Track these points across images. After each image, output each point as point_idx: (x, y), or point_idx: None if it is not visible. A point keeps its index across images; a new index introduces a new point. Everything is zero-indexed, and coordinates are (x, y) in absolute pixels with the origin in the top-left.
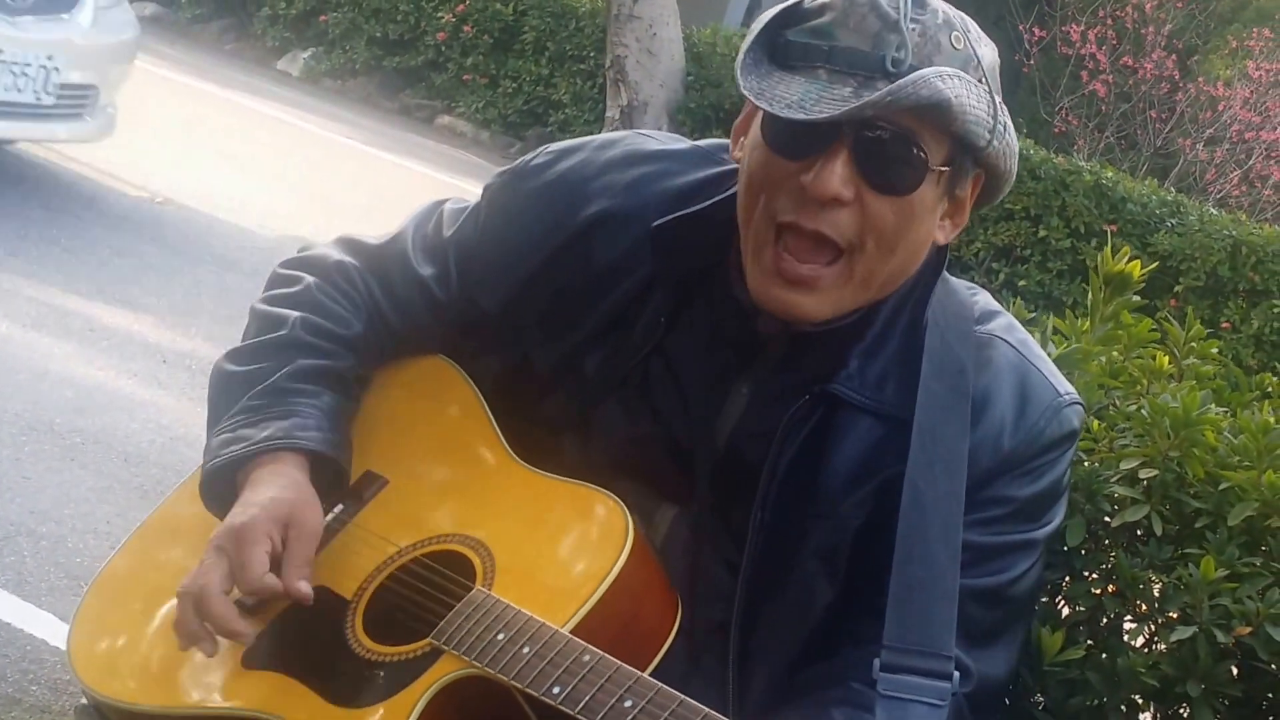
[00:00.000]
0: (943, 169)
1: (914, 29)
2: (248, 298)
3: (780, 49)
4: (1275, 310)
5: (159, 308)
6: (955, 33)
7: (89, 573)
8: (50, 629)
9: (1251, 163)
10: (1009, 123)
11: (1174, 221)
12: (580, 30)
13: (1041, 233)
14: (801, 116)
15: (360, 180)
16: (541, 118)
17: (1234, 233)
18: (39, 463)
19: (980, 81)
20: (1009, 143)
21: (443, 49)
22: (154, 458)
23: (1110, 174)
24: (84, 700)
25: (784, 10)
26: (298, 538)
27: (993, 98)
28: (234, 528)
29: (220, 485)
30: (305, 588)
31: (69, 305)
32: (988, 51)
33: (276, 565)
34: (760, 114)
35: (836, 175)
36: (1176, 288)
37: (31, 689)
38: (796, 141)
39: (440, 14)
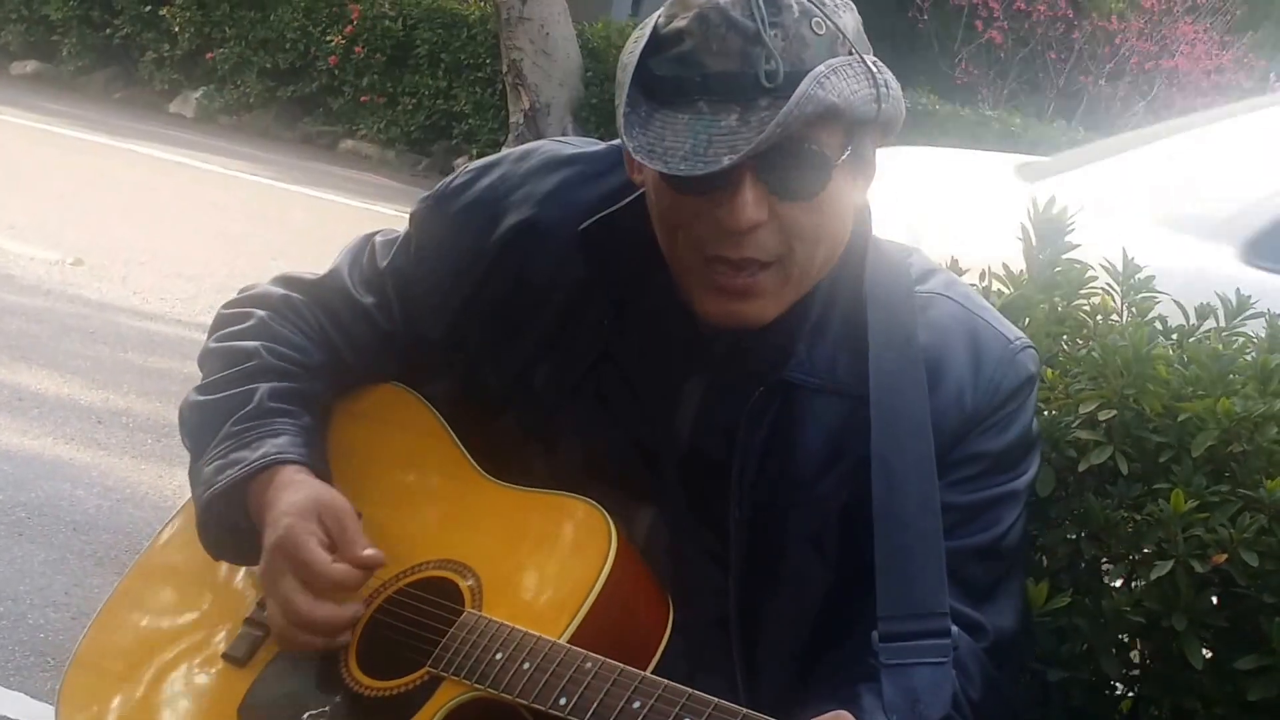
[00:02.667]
0: (843, 155)
1: (775, 34)
2: (175, 347)
3: (654, 84)
4: None
5: (86, 368)
6: (814, 19)
7: (54, 647)
8: (24, 708)
9: (1155, 92)
10: (889, 77)
11: None
12: (473, 38)
13: None
14: (702, 171)
15: (270, 215)
16: (445, 131)
17: None
18: None
19: (851, 53)
20: (895, 93)
21: (336, 73)
22: (103, 522)
23: (1018, 120)
24: None
25: (647, 44)
26: (337, 522)
27: (866, 64)
28: (277, 544)
29: (219, 511)
30: (373, 552)
31: None
32: (848, 17)
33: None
34: None
35: (749, 204)
36: None
37: None
38: (699, 183)
39: (329, 38)
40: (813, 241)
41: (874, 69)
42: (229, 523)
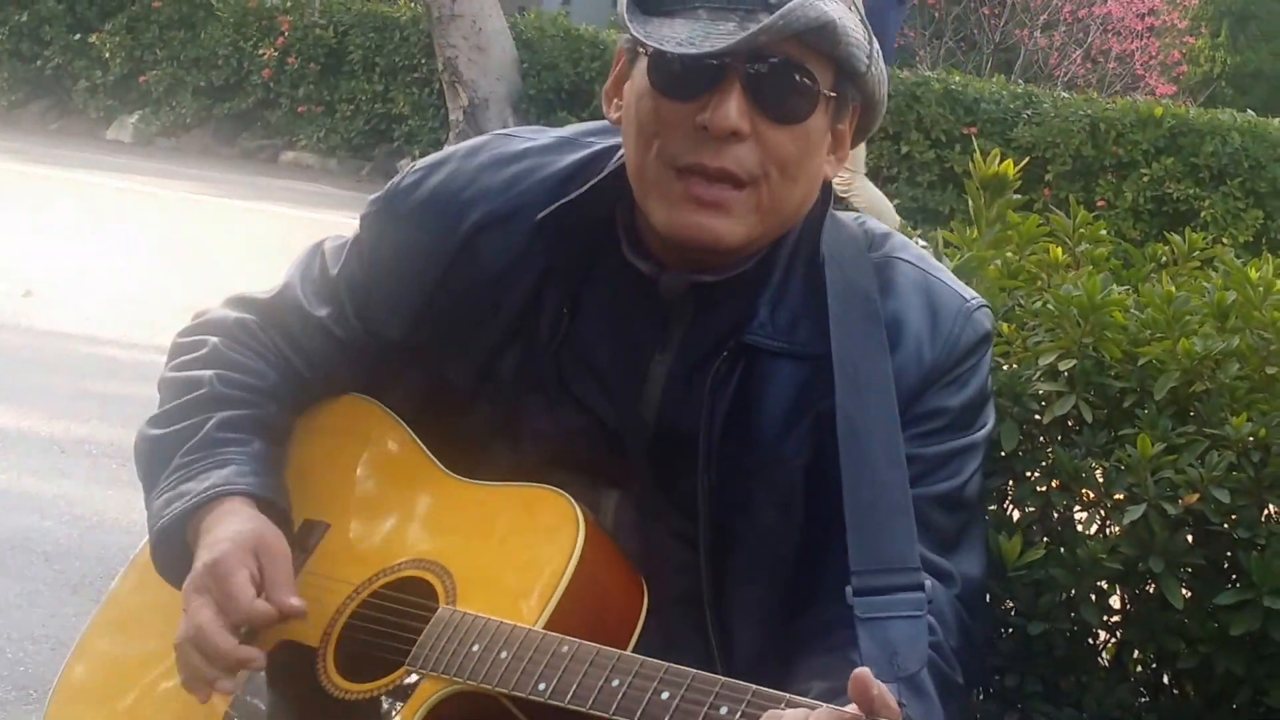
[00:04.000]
0: (830, 94)
1: None
2: (134, 372)
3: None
4: (1145, 179)
5: (45, 399)
6: None
7: (35, 680)
8: None
9: (1090, 40)
10: (879, 52)
11: (1030, 113)
12: (406, 40)
13: (904, 149)
14: (694, 51)
15: (218, 233)
16: (386, 135)
17: (1089, 112)
18: None
19: (852, 8)
20: (882, 69)
21: (271, 85)
22: (74, 551)
23: (958, 78)
24: None
25: None
26: (271, 561)
27: (865, 25)
28: (209, 565)
29: (171, 544)
30: (297, 601)
31: None
32: None
33: (259, 594)
34: (643, 65)
35: (733, 109)
36: (1046, 177)
37: None
38: (687, 82)
39: (261, 51)
40: (790, 175)
41: (869, 32)
42: (178, 554)
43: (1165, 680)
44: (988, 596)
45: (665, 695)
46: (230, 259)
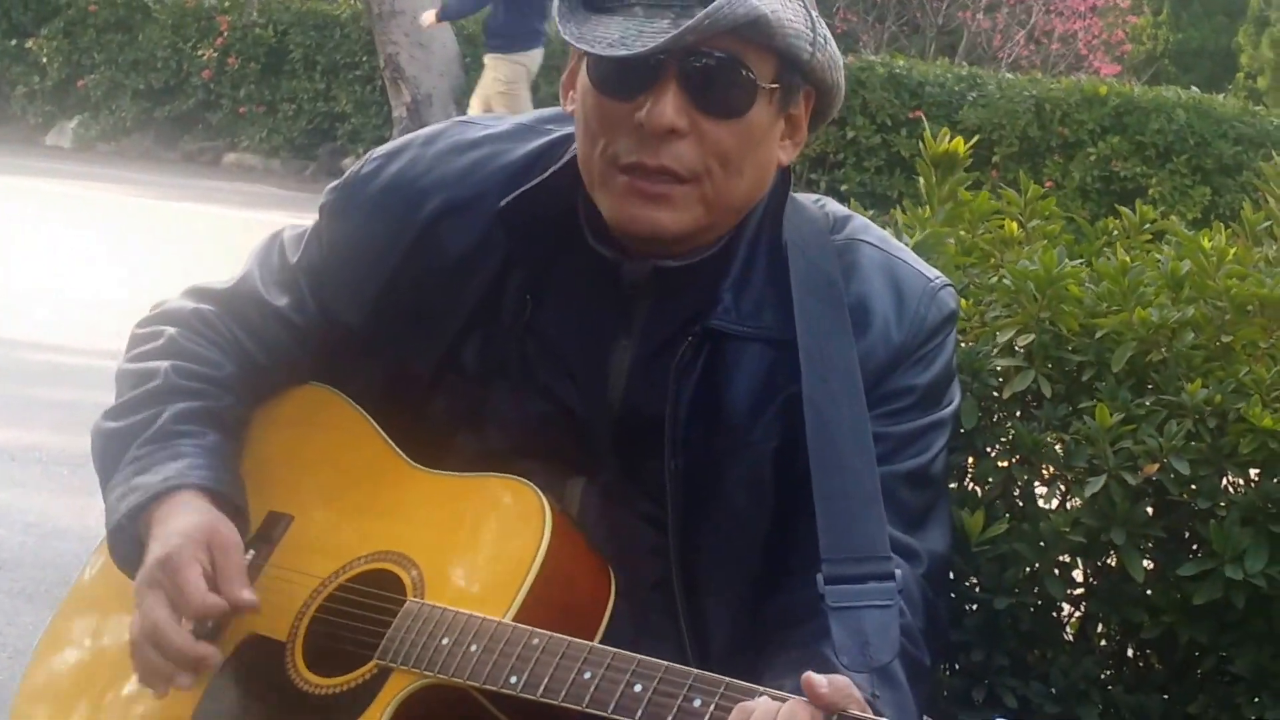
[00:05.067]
0: (772, 86)
1: None
2: (82, 378)
3: None
4: (1091, 158)
5: None
6: None
7: None
8: None
9: (1033, 21)
10: (829, 35)
11: (974, 95)
12: (347, 37)
13: (849, 134)
14: (623, 53)
15: (162, 236)
16: (329, 133)
17: (1034, 92)
18: None
19: None
20: (832, 55)
21: (212, 87)
22: (28, 559)
23: (902, 62)
24: None
25: None
26: (223, 554)
27: (809, 11)
28: (160, 560)
29: (127, 537)
30: (249, 595)
31: None
32: None
33: (212, 588)
34: (585, 61)
35: (669, 106)
36: (993, 158)
37: None
38: (624, 81)
39: (200, 52)
40: (733, 168)
41: (813, 18)
42: (135, 546)
43: (1130, 652)
44: (951, 573)
45: (638, 688)
46: (176, 263)
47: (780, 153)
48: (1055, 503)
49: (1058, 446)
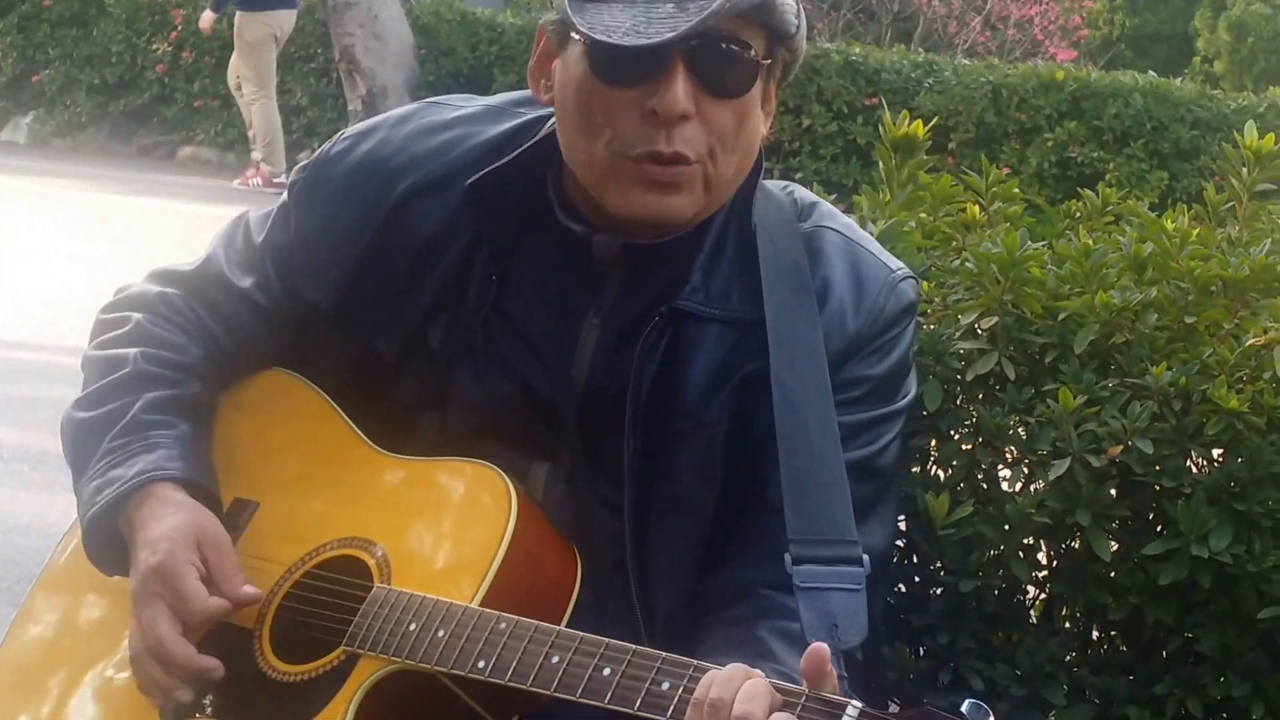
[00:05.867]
0: (764, 61)
1: None
2: (42, 373)
3: None
4: (1048, 143)
5: None
6: None
7: None
8: None
9: (989, 6)
10: (800, 4)
11: (931, 81)
12: (302, 29)
13: (805, 122)
14: (644, 42)
15: (120, 231)
16: (285, 126)
17: (991, 78)
18: None
19: None
20: (804, 31)
21: (166, 81)
22: None
23: (858, 49)
24: None
25: None
26: (215, 551)
27: None
28: (154, 569)
29: (103, 531)
30: (251, 590)
31: None
32: None
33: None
34: (577, 51)
35: (680, 91)
36: (950, 145)
37: None
38: (631, 69)
39: (155, 46)
40: (730, 148)
41: None
42: (111, 540)
43: (1095, 633)
44: (891, 567)
45: (606, 671)
46: (132, 257)
47: (761, 127)
48: (1020, 485)
49: (1021, 429)
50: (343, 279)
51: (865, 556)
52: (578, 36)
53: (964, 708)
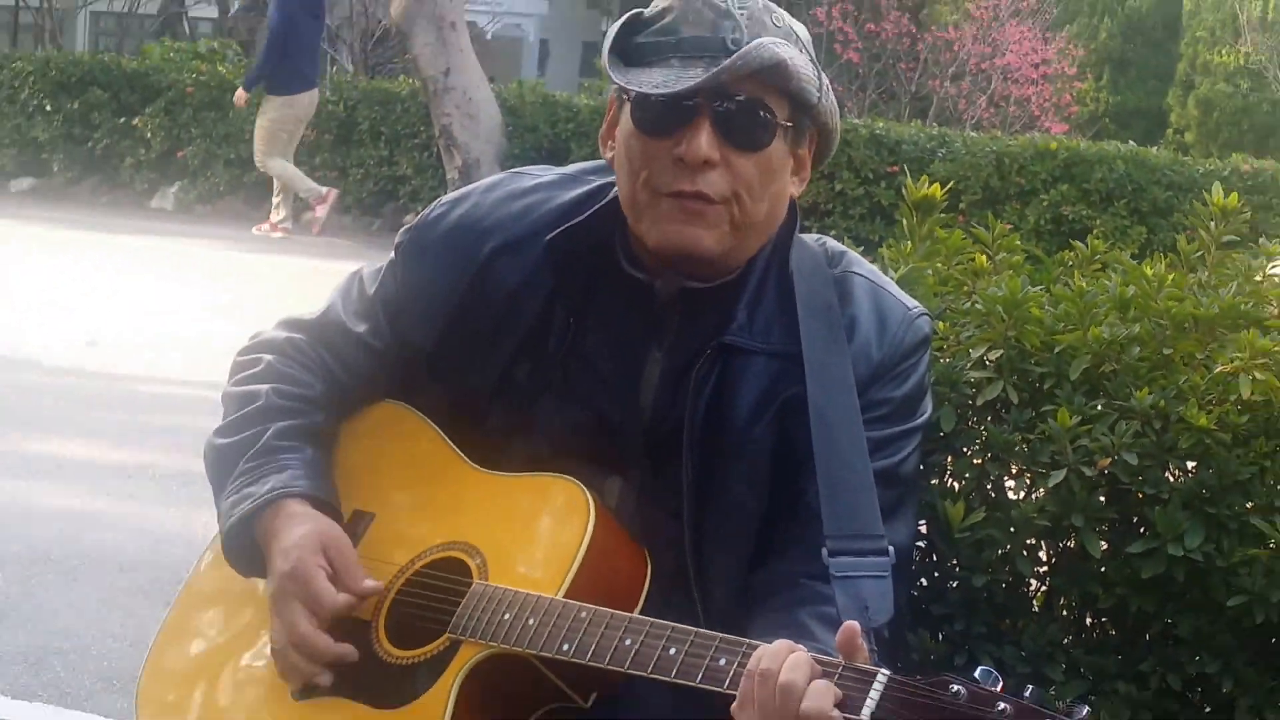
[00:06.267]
0: (787, 124)
1: (743, 14)
2: (186, 406)
3: (633, 52)
4: (1044, 203)
5: (112, 433)
6: (775, 15)
7: (117, 672)
8: None
9: (993, 87)
10: (829, 86)
11: (943, 151)
12: (407, 111)
13: (837, 186)
14: (666, 91)
15: (251, 283)
16: (392, 194)
17: (994, 149)
18: (48, 591)
19: (802, 50)
20: (832, 102)
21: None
22: (144, 561)
23: (881, 124)
24: None
25: (627, 22)
26: (339, 554)
27: (815, 64)
28: (289, 574)
29: (240, 540)
30: (371, 583)
31: (32, 449)
32: (801, 29)
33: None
34: (628, 109)
35: (704, 141)
36: (961, 205)
37: None
38: (664, 121)
39: None
40: (756, 195)
41: (818, 70)
42: (247, 548)
43: (1088, 620)
44: (913, 563)
45: (673, 650)
46: (263, 305)
47: (791, 186)
48: (1023, 494)
49: (1024, 445)
50: (443, 325)
51: (891, 548)
52: (625, 95)
53: (976, 673)
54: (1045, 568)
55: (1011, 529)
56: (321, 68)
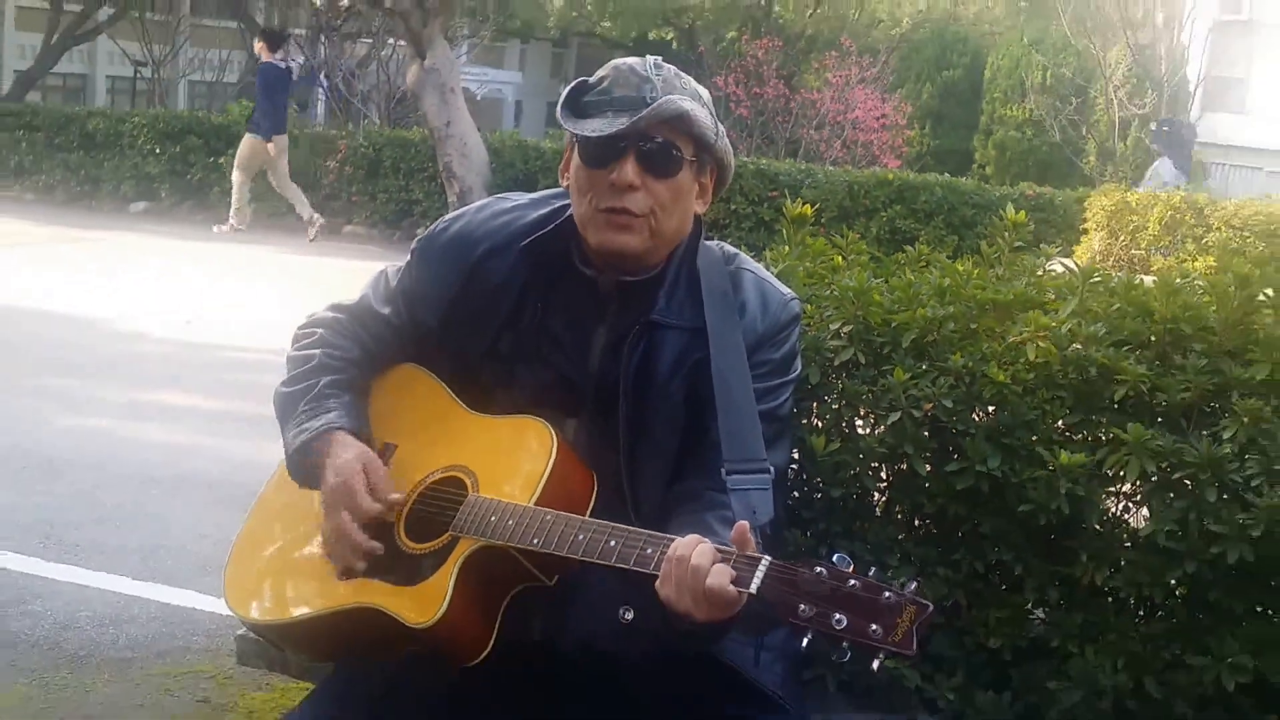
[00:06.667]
0: (691, 160)
1: (659, 77)
2: (257, 366)
3: (580, 107)
4: (883, 219)
5: (204, 388)
6: (683, 80)
7: (209, 560)
8: (197, 600)
9: (845, 134)
10: (724, 131)
11: (810, 180)
12: (419, 152)
13: (732, 206)
14: (602, 133)
15: (307, 277)
16: (408, 213)
17: (847, 179)
18: (156, 503)
19: (703, 105)
20: (727, 144)
21: (334, 185)
22: (227, 480)
23: (765, 161)
24: (241, 630)
25: (576, 86)
26: (375, 473)
27: (713, 116)
28: (337, 486)
29: (299, 461)
30: (398, 495)
31: (143, 397)
32: (703, 90)
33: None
34: (576, 149)
35: (630, 170)
36: (822, 220)
37: (195, 639)
38: (601, 156)
39: (327, 163)
40: (667, 211)
41: (715, 121)
42: (305, 467)
43: (916, 522)
44: (788, 480)
45: (613, 543)
46: (314, 293)
47: (697, 205)
48: (868, 430)
49: (869, 395)
50: (445, 309)
51: (771, 469)
52: (575, 138)
53: (834, 559)
54: (885, 483)
55: (860, 455)
56: (349, 120)
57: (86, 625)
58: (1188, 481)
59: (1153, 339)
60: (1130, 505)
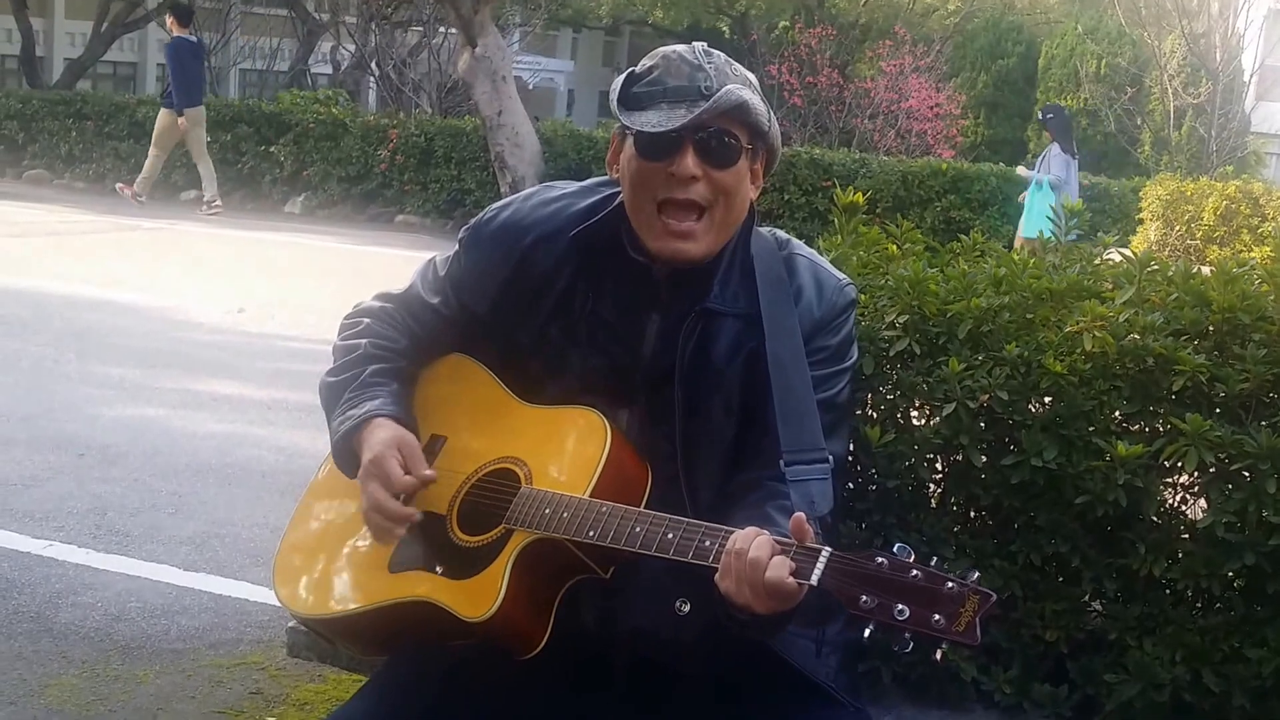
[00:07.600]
0: (748, 147)
1: (711, 67)
2: (312, 356)
3: (631, 99)
4: (937, 209)
5: (256, 377)
6: (735, 67)
7: (261, 549)
8: (249, 591)
9: (899, 124)
10: (775, 118)
11: (864, 170)
12: (471, 141)
13: (786, 197)
14: (662, 129)
15: (358, 267)
16: (460, 202)
17: (901, 169)
18: (208, 490)
19: (755, 92)
20: (777, 130)
21: (386, 175)
22: (279, 469)
23: (819, 151)
24: (292, 623)
25: (627, 77)
26: (409, 450)
27: (766, 104)
28: (371, 460)
29: (344, 448)
30: (429, 471)
31: (197, 387)
32: (752, 76)
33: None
34: (630, 140)
35: (690, 162)
36: (877, 210)
37: (247, 630)
38: (659, 149)
39: (379, 152)
40: (728, 200)
41: (768, 108)
42: (348, 454)
43: (971, 514)
44: (852, 467)
45: (670, 535)
46: (366, 284)
47: (751, 192)
48: (924, 421)
49: (924, 385)
50: (495, 297)
51: (830, 458)
52: (629, 131)
53: (895, 549)
54: (940, 475)
55: (915, 446)
56: (401, 110)
57: (137, 616)
58: (1246, 472)
59: (1211, 329)
60: (1188, 496)
